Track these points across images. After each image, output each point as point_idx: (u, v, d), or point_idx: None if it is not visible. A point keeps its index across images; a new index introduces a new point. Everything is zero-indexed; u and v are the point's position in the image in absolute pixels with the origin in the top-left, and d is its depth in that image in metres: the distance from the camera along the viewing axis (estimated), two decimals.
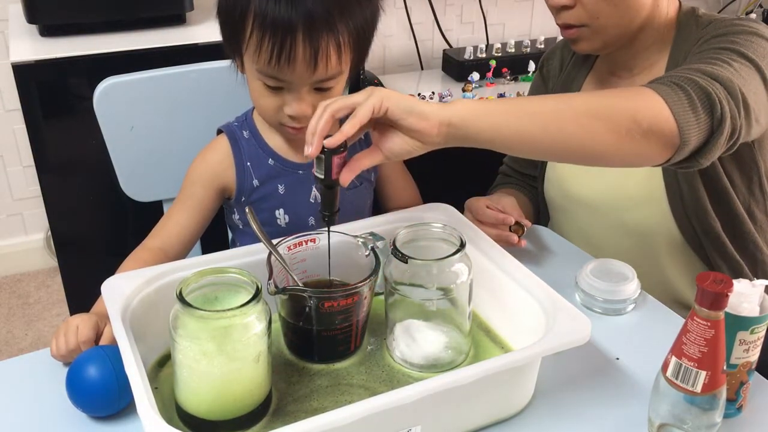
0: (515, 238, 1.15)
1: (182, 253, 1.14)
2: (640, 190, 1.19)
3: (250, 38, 1.02)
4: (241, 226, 1.22)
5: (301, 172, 1.17)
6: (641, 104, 0.92)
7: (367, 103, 0.86)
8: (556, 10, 1.14)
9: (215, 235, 1.30)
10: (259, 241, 0.93)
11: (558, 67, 1.36)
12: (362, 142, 1.24)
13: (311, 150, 0.87)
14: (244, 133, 1.18)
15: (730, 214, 1.18)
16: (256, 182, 1.17)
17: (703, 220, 1.16)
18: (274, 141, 1.18)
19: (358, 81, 2.08)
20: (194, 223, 1.15)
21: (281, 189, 1.17)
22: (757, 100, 0.99)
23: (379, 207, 1.30)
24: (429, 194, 1.23)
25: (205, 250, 1.40)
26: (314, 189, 1.18)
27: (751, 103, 0.97)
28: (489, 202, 1.20)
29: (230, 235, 1.32)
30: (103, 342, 0.94)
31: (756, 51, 1.03)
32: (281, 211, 1.18)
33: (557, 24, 1.16)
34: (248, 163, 1.17)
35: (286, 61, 1.00)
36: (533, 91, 1.42)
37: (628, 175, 1.18)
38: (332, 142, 0.86)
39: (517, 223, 1.17)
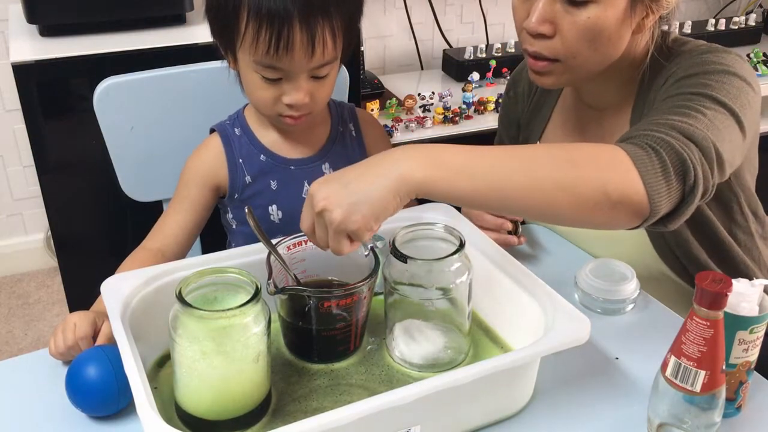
0: (514, 240, 1.16)
1: (180, 254, 1.14)
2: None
3: (245, 31, 1.03)
4: (234, 226, 1.23)
5: (293, 167, 1.18)
6: (613, 175, 0.86)
7: (342, 236, 0.82)
8: (531, 37, 1.04)
9: (215, 235, 1.30)
10: (257, 240, 0.93)
11: (527, 91, 1.31)
12: (353, 139, 1.23)
13: None
14: (236, 130, 1.19)
15: (714, 243, 1.15)
16: (248, 179, 1.17)
17: (688, 251, 1.14)
18: (266, 137, 1.19)
19: (359, 81, 2.08)
20: (191, 223, 1.16)
21: (273, 185, 1.18)
22: (733, 147, 0.95)
23: None
24: None
25: (205, 250, 1.40)
26: (306, 184, 1.19)
27: (725, 155, 0.93)
28: None
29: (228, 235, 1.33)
30: (100, 339, 0.94)
31: (729, 92, 0.98)
32: (274, 207, 1.19)
33: (526, 51, 1.07)
34: (240, 160, 1.18)
35: (284, 49, 1.01)
36: (503, 115, 1.38)
37: None
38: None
39: (512, 222, 1.17)
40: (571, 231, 1.24)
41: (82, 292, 1.23)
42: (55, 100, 1.74)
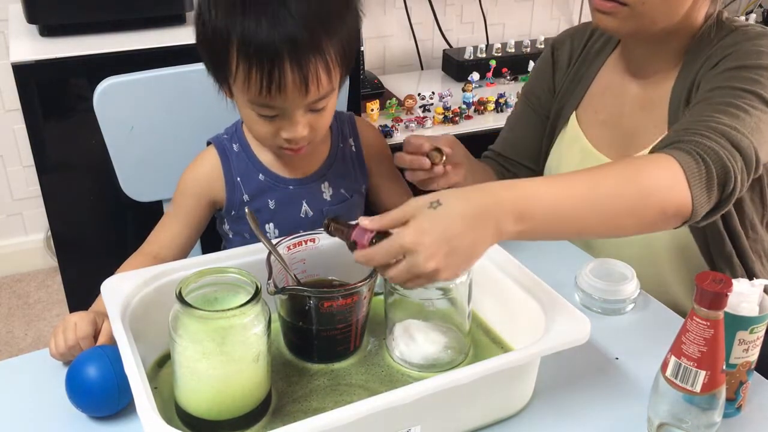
0: (427, 162, 1.08)
1: (178, 260, 1.13)
2: None
3: (236, 70, 0.99)
4: (230, 236, 1.21)
5: (291, 187, 1.16)
6: (671, 196, 0.92)
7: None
8: None
9: (215, 235, 1.30)
10: (258, 241, 0.93)
11: (567, 60, 1.33)
12: (353, 154, 1.21)
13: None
14: (234, 146, 1.16)
15: (731, 226, 1.16)
16: (246, 197, 1.16)
17: (713, 225, 1.15)
18: (265, 156, 1.16)
19: (359, 81, 2.08)
20: (187, 233, 1.15)
21: (271, 204, 1.16)
22: None
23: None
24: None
25: (205, 250, 1.40)
26: (304, 203, 1.17)
27: (763, 157, 0.99)
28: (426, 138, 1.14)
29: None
30: (101, 339, 0.94)
31: None
32: (271, 225, 1.17)
33: None
34: (238, 178, 1.15)
35: (276, 90, 0.98)
36: (534, 84, 1.37)
37: None
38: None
39: (436, 149, 1.09)
40: None
41: (82, 292, 1.23)
42: (55, 100, 1.74)
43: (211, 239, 1.32)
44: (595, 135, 1.26)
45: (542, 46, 2.44)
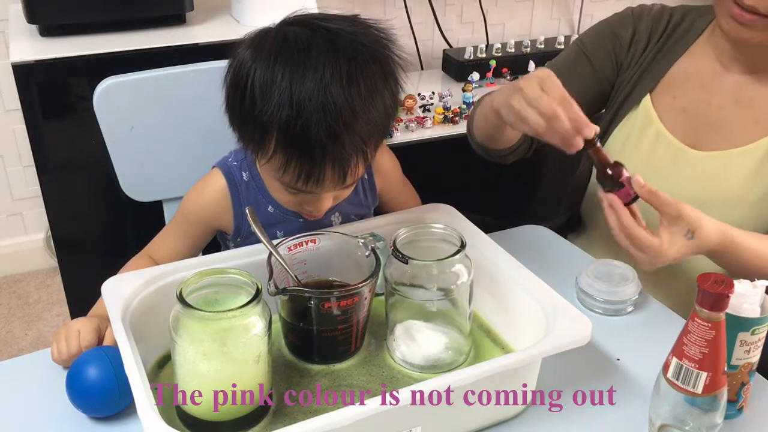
0: (579, 140, 0.96)
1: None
2: (737, 191, 1.18)
3: (273, 156, 0.95)
4: (231, 247, 1.19)
5: (301, 220, 1.12)
6: None
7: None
8: None
9: (215, 236, 1.30)
10: (259, 241, 0.93)
11: (646, 37, 1.26)
12: (365, 182, 1.18)
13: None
14: (244, 175, 1.12)
15: None
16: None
17: None
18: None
19: None
20: (187, 252, 1.13)
21: (280, 234, 1.13)
22: None
23: None
24: (429, 195, 1.22)
25: (206, 250, 1.40)
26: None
27: None
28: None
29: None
30: (106, 343, 0.94)
31: None
32: None
33: (741, 1, 1.07)
34: (247, 210, 1.12)
35: (314, 183, 0.95)
36: (611, 32, 1.28)
37: (730, 177, 1.18)
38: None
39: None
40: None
41: (82, 292, 1.23)
42: (55, 100, 1.74)
43: (212, 240, 1.32)
44: (671, 120, 1.23)
45: (542, 46, 2.44)
